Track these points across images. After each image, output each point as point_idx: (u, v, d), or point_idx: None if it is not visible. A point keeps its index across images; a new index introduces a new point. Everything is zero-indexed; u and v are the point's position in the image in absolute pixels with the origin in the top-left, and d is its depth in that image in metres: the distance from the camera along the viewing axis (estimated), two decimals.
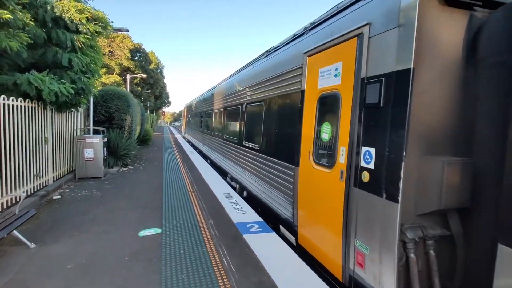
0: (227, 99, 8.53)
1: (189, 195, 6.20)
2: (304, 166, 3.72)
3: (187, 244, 3.83)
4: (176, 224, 4.54)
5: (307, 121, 3.69)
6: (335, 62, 3.14)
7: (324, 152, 3.34)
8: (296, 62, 4.08)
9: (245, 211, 5.11)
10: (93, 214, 4.93)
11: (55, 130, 7.03)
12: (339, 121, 3.00)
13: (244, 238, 4.00)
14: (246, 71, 6.98)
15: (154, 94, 42.35)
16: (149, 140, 18.17)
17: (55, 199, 5.79)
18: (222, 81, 10.36)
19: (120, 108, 10.06)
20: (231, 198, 5.95)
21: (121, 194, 6.28)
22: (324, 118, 3.41)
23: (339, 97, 3.03)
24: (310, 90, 3.65)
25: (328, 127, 3.30)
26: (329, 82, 3.23)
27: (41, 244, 3.80)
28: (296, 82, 4.04)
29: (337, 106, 3.06)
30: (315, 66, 3.55)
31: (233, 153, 7.46)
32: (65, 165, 7.69)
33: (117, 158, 9.36)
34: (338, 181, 2.99)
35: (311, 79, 3.63)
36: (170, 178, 7.98)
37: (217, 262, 3.37)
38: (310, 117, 3.63)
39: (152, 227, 4.37)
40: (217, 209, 5.25)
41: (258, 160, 5.49)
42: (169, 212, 5.06)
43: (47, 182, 6.57)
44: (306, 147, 3.69)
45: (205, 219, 4.75)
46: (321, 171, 3.32)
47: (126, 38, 28.47)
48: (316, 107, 3.51)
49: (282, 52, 4.86)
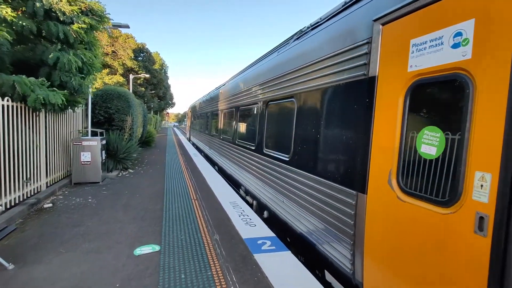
0: (240, 97, 7.17)
1: (192, 204, 5.67)
2: (378, 194, 2.45)
3: (189, 266, 3.29)
4: (177, 239, 4.00)
5: (384, 124, 2.42)
6: (454, 22, 1.92)
7: (429, 176, 2.09)
8: (355, 37, 2.86)
9: (254, 224, 4.56)
10: (85, 227, 4.42)
11: (50, 132, 6.55)
12: (468, 125, 1.84)
13: (254, 258, 3.45)
14: (266, 61, 5.55)
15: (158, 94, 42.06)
16: (152, 142, 17.73)
17: (46, 208, 5.29)
18: (233, 77, 8.99)
19: (120, 108, 9.59)
20: (238, 207, 5.40)
21: (118, 202, 5.77)
22: (425, 118, 2.19)
23: (469, 83, 1.86)
24: (389, 75, 2.42)
25: (436, 134, 2.06)
26: (439, 58, 2.02)
27: (21, 264, 3.28)
28: (356, 66, 2.78)
29: (460, 99, 1.91)
30: (401, 37, 2.30)
31: (249, 162, 6.06)
32: (61, 169, 7.21)
33: (117, 162, 8.88)
34: (470, 234, 1.77)
35: (391, 58, 2.41)
36: (172, 183, 7.47)
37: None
38: (389, 117, 2.36)
39: (150, 244, 3.84)
40: (223, 221, 4.71)
41: (286, 174, 4.21)
42: (170, 225, 4.53)
43: (40, 188, 6.09)
44: (381, 164, 2.43)
45: (210, 234, 4.21)
46: (422, 208, 2.08)
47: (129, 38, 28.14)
48: (404, 101, 2.26)
49: (327, 28, 3.53)
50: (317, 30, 3.77)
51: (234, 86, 8.02)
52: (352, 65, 2.85)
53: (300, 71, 3.91)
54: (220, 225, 4.53)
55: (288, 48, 4.57)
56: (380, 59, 2.52)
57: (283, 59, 4.62)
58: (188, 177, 8.28)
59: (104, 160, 7.73)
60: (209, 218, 4.85)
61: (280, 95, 4.62)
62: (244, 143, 6.69)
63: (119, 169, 8.96)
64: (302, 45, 4.07)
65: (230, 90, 8.47)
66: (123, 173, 8.76)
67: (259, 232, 4.25)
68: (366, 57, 2.66)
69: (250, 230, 4.31)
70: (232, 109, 7.99)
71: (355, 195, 2.70)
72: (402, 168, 2.26)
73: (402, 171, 2.26)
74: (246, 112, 6.84)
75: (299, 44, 4.18)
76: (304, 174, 3.70)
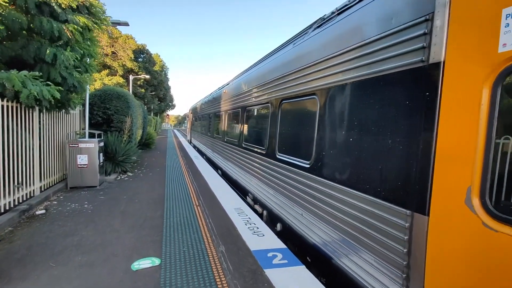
0: (248, 96, 6.60)
1: (194, 210, 5.32)
2: (449, 217, 1.88)
3: (193, 283, 2.94)
4: (179, 251, 3.65)
5: (457, 124, 1.87)
6: None
7: None
8: (405, 15, 2.28)
9: (262, 233, 4.21)
10: (79, 237, 4.07)
11: (45, 133, 6.22)
12: None
13: (265, 274, 3.10)
14: (279, 56, 5.00)
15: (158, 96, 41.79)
16: (152, 144, 17.38)
17: (38, 215, 4.94)
18: (239, 75, 8.38)
19: (119, 109, 9.26)
20: (243, 214, 5.05)
21: (116, 208, 5.42)
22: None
23: None
24: (464, 59, 1.85)
25: None
26: None
27: (6, 281, 2.94)
28: (408, 52, 2.22)
29: None
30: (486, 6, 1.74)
31: (259, 168, 5.53)
32: (56, 172, 6.87)
33: (115, 164, 8.54)
34: None
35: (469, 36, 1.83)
36: (173, 187, 7.12)
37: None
38: (467, 115, 1.82)
39: (149, 256, 3.49)
40: (228, 230, 4.36)
41: (306, 183, 3.66)
42: (171, 234, 4.19)
43: (33, 193, 5.74)
44: (453, 178, 1.87)
45: (215, 245, 3.86)
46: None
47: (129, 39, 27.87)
48: (491, 93, 1.71)
49: (360, 10, 2.92)
50: (346, 14, 3.21)
51: (240, 84, 7.46)
52: (402, 50, 2.27)
53: (324, 63, 3.33)
54: (226, 235, 4.18)
55: (307, 38, 4.01)
56: (448, 39, 1.94)
57: (301, 51, 4.08)
58: (190, 181, 7.93)
59: (102, 163, 7.39)
60: (213, 227, 4.51)
61: (297, 92, 4.07)
62: (252, 146, 6.14)
63: (118, 172, 8.62)
64: (326, 33, 3.53)
65: (236, 89, 7.92)
66: (121, 177, 8.41)
67: (268, 243, 3.90)
68: (425, 39, 2.10)
69: (258, 240, 3.96)
70: (238, 109, 7.48)
71: (410, 215, 2.13)
72: (491, 184, 1.70)
73: (491, 189, 1.70)
74: (255, 112, 6.35)
75: (322, 33, 3.64)
76: (331, 184, 3.12)
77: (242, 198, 6.37)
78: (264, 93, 5.44)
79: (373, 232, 2.48)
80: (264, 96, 5.42)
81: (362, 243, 2.62)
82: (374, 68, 2.56)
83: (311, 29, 4.09)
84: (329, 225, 3.14)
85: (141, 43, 34.28)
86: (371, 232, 2.51)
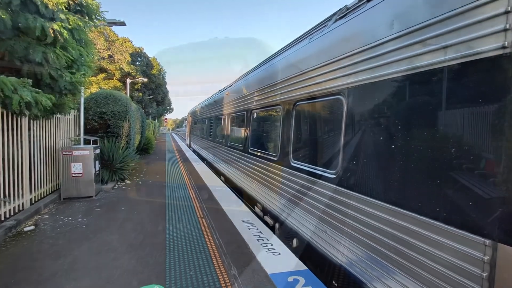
0: (254, 98, 6.12)
1: (199, 223, 4.86)
2: None
3: None
4: (186, 276, 3.19)
5: None
6: None
7: None
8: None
9: (278, 252, 3.75)
10: (71, 258, 3.60)
11: (35, 140, 5.75)
12: None
13: None
14: (291, 53, 4.56)
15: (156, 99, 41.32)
16: (151, 149, 16.88)
17: (26, 232, 4.46)
18: (243, 76, 7.84)
19: (116, 113, 8.78)
20: (254, 228, 4.60)
21: (113, 222, 4.95)
22: None
23: None
24: None
25: None
26: None
27: None
28: (479, 37, 1.75)
29: None
30: None
31: (269, 176, 5.03)
32: (49, 182, 6.39)
33: (113, 172, 8.05)
34: None
35: None
36: (174, 196, 6.65)
37: None
38: None
39: (152, 284, 3.02)
40: (239, 247, 3.90)
41: (332, 197, 3.15)
42: (175, 254, 3.72)
43: (22, 206, 5.25)
44: None
45: (226, 267, 3.39)
46: None
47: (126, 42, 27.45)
48: None
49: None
50: (379, 0, 2.69)
51: (245, 86, 6.96)
52: (470, 36, 1.80)
53: (352, 58, 2.87)
54: (237, 254, 3.72)
55: (327, 31, 3.57)
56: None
57: (319, 47, 3.65)
58: (191, 188, 7.47)
59: (98, 171, 6.91)
60: (221, 244, 4.04)
61: (315, 93, 3.62)
62: (260, 152, 5.65)
63: (115, 181, 8.13)
64: (352, 25, 3.08)
65: (240, 91, 7.41)
66: (119, 185, 7.92)
67: (287, 263, 3.44)
68: (504, 20, 1.62)
69: (274, 260, 3.50)
70: (243, 112, 6.98)
71: (489, 246, 1.64)
72: None
73: None
74: (263, 115, 5.88)
75: (346, 24, 3.19)
76: (368, 200, 2.59)
77: (248, 206, 5.91)
78: (274, 95, 4.97)
79: (431, 263, 1.96)
80: (274, 98, 4.95)
81: (412, 273, 2.10)
82: (429, 60, 2.07)
83: (331, 21, 3.64)
84: (367, 249, 2.61)
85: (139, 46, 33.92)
86: (427, 263, 1.99)
